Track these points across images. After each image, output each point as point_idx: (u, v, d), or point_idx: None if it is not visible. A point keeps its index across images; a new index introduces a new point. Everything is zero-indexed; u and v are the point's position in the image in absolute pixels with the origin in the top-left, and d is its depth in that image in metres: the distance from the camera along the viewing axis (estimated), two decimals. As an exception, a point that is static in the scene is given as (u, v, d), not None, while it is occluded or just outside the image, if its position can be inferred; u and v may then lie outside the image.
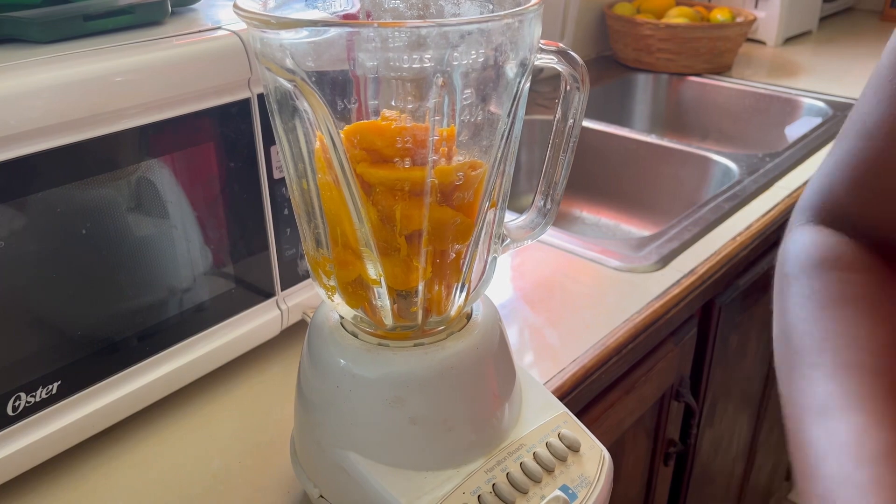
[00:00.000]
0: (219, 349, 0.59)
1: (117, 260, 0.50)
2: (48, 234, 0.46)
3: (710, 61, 1.49)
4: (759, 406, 1.17)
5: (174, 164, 0.52)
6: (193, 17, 0.57)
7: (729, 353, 0.97)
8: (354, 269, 0.43)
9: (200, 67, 0.51)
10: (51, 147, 0.45)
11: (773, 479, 1.43)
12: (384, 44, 0.35)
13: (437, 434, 0.44)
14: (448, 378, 0.44)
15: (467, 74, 0.38)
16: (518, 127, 0.43)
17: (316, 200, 0.42)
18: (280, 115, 0.41)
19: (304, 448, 0.49)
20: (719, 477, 1.13)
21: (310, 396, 0.47)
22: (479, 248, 0.44)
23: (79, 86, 0.45)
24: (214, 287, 0.57)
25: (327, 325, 0.47)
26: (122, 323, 0.52)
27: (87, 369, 0.51)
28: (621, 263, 0.81)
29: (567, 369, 0.64)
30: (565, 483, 0.46)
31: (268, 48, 0.38)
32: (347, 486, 0.45)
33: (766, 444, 1.28)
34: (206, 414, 0.59)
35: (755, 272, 0.94)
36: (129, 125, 0.48)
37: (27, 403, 0.48)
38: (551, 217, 0.49)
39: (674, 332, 0.81)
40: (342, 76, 0.38)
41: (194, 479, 0.53)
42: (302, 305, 0.64)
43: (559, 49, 0.43)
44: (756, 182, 1.01)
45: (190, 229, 0.54)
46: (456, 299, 0.45)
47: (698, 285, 0.79)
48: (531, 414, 0.49)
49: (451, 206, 0.41)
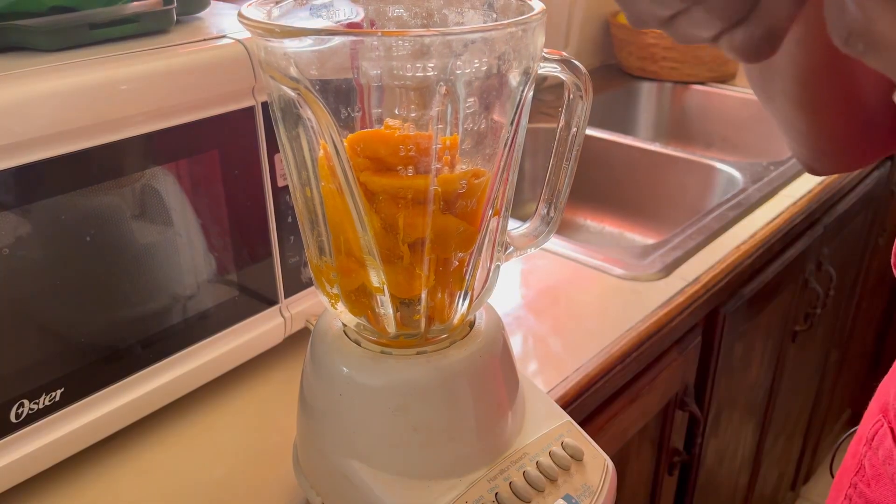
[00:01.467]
0: (222, 357, 0.59)
1: (121, 267, 0.50)
2: (52, 241, 0.46)
3: (714, 70, 1.49)
4: (764, 415, 1.16)
5: (178, 172, 0.52)
6: (198, 26, 0.57)
7: (734, 362, 0.96)
8: (358, 278, 0.43)
9: (205, 76, 0.51)
10: (56, 154, 0.45)
11: (779, 489, 1.42)
12: (388, 52, 0.35)
13: (440, 442, 0.44)
14: (451, 386, 0.44)
15: (470, 83, 0.38)
16: (521, 135, 0.43)
17: (319, 208, 0.42)
18: (284, 123, 0.41)
19: (307, 456, 0.49)
20: (724, 487, 1.12)
21: (313, 404, 0.47)
22: (483, 257, 0.44)
23: (84, 94, 0.46)
24: (218, 294, 0.57)
25: (330, 332, 0.47)
26: (125, 330, 0.52)
27: (90, 377, 0.51)
28: (625, 272, 0.81)
29: (570, 378, 0.64)
30: (568, 492, 0.45)
31: (272, 57, 0.38)
32: (350, 494, 0.45)
33: (771, 454, 1.27)
34: (209, 422, 0.59)
35: (760, 281, 0.94)
36: (133, 133, 0.49)
37: (30, 410, 0.48)
38: (555, 225, 0.49)
39: (678, 341, 0.81)
40: (346, 84, 0.38)
41: (197, 487, 0.53)
42: (305, 313, 0.64)
43: (562, 58, 0.43)
44: (760, 190, 1.01)
45: (194, 237, 0.54)
46: (459, 307, 0.45)
47: (702, 294, 0.79)
48: (534, 423, 0.49)
49: (455, 214, 0.41)
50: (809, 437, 1.46)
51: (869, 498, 0.56)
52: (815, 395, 1.39)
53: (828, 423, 1.55)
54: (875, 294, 1.54)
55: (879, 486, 0.55)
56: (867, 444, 0.58)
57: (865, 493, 0.57)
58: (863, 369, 1.71)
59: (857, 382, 1.69)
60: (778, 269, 0.98)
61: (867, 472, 0.57)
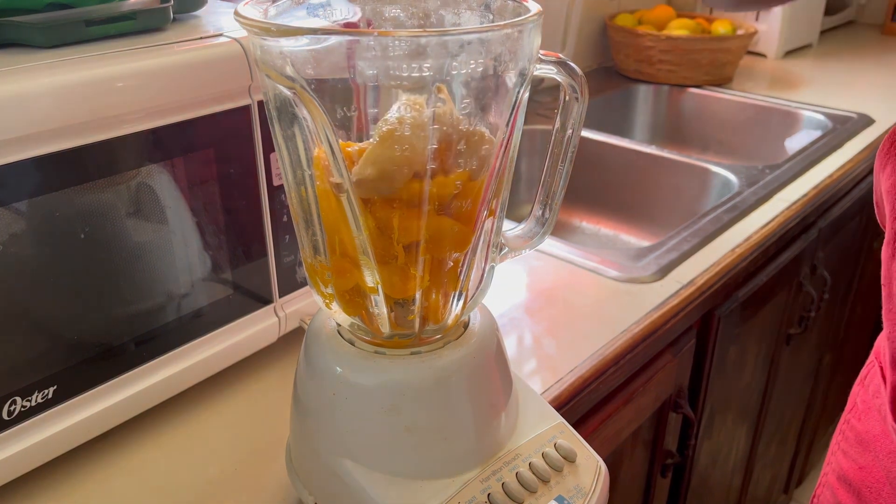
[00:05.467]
0: (216, 355, 0.59)
1: (115, 265, 0.50)
2: (46, 238, 0.46)
3: (710, 73, 1.49)
4: (757, 418, 1.16)
5: (174, 170, 0.52)
6: (195, 24, 0.57)
7: (728, 365, 0.96)
8: (352, 278, 0.43)
9: (201, 74, 0.51)
10: (51, 151, 0.45)
11: (772, 492, 1.42)
12: (384, 52, 0.36)
13: (433, 443, 0.44)
14: (444, 387, 0.44)
15: (466, 84, 0.38)
16: (517, 137, 0.43)
17: (314, 208, 0.42)
18: (279, 122, 0.41)
19: (300, 455, 0.49)
20: (717, 489, 1.12)
21: (306, 404, 0.47)
22: (477, 257, 0.44)
23: (80, 90, 0.46)
24: (212, 293, 0.57)
25: (324, 332, 0.47)
26: (119, 328, 0.52)
27: (83, 374, 0.51)
28: (620, 274, 0.81)
29: (565, 379, 0.64)
30: (561, 493, 0.45)
31: (268, 55, 0.38)
32: (342, 493, 0.45)
33: (764, 457, 1.27)
34: (202, 420, 0.59)
35: (754, 284, 0.94)
36: (129, 130, 0.48)
37: (23, 408, 0.48)
38: (549, 226, 0.49)
39: (672, 343, 0.81)
40: (342, 84, 0.38)
41: (190, 486, 0.53)
42: (300, 312, 0.64)
43: (558, 59, 0.43)
44: (756, 194, 1.01)
45: (188, 235, 0.54)
46: (453, 308, 0.45)
47: (697, 296, 0.79)
48: (527, 424, 0.49)
49: (450, 215, 0.41)
50: (802, 441, 1.46)
51: (858, 430, 0.61)
52: (808, 398, 1.40)
53: (821, 426, 1.55)
54: (869, 298, 1.55)
55: (868, 418, 0.60)
56: (860, 384, 0.62)
57: (856, 427, 0.61)
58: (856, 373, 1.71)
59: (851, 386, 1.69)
60: (772, 272, 0.98)
61: (858, 407, 0.62)
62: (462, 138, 0.39)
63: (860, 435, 0.60)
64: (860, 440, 0.60)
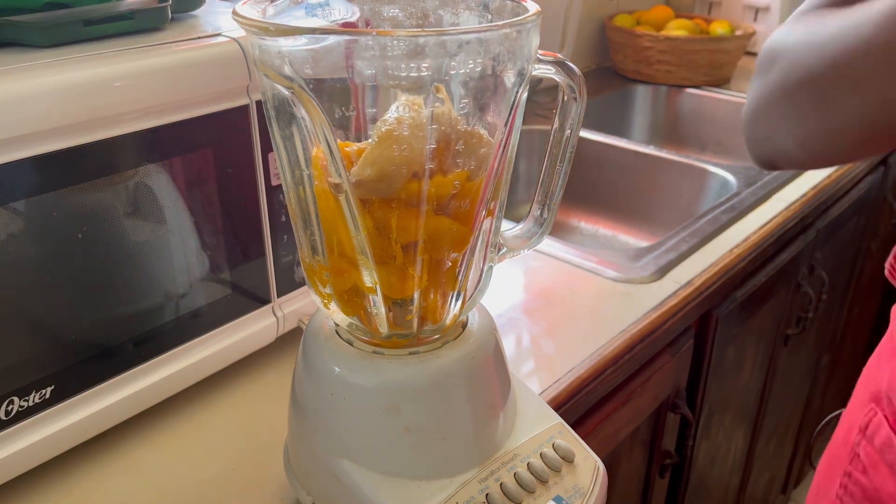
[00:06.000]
0: (214, 355, 0.58)
1: (113, 264, 0.50)
2: (44, 237, 0.46)
3: (709, 74, 1.49)
4: (755, 418, 1.16)
5: (172, 170, 0.52)
6: (193, 24, 0.57)
7: (726, 365, 0.96)
8: (350, 278, 0.43)
9: (199, 73, 0.51)
10: (49, 151, 0.45)
11: (770, 493, 1.42)
12: (382, 52, 0.35)
13: (431, 443, 0.44)
14: (443, 387, 0.44)
15: (465, 84, 0.38)
16: (515, 136, 0.43)
17: (312, 208, 0.42)
18: (278, 122, 0.41)
19: (298, 455, 0.49)
20: (715, 489, 1.12)
21: (304, 404, 0.47)
22: (476, 257, 0.44)
23: (78, 90, 0.45)
24: (210, 293, 0.57)
25: (323, 332, 0.47)
26: (116, 328, 0.52)
27: (80, 374, 0.51)
28: (618, 274, 0.81)
29: (563, 380, 0.64)
30: (559, 494, 0.45)
31: (266, 55, 0.38)
32: (340, 494, 0.45)
33: (762, 457, 1.27)
34: (200, 420, 0.59)
35: (753, 284, 0.94)
36: (127, 130, 0.48)
37: (20, 408, 0.48)
38: (548, 227, 0.49)
39: (670, 344, 0.81)
40: (340, 84, 0.38)
41: (187, 486, 0.53)
42: (298, 312, 0.64)
43: (557, 59, 0.43)
44: (754, 194, 1.01)
45: (186, 235, 0.54)
46: (451, 308, 0.45)
47: (695, 297, 0.79)
48: (526, 424, 0.49)
49: (448, 215, 0.41)
50: (800, 441, 1.46)
51: (865, 485, 0.57)
52: (806, 398, 1.40)
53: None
54: (867, 298, 1.55)
55: (877, 473, 0.56)
56: (861, 433, 0.58)
57: (861, 481, 0.57)
58: (854, 373, 1.71)
59: (849, 386, 1.69)
60: (771, 272, 0.98)
61: (863, 460, 0.58)
62: (460, 138, 0.39)
63: (868, 492, 0.57)
64: (869, 498, 0.56)
